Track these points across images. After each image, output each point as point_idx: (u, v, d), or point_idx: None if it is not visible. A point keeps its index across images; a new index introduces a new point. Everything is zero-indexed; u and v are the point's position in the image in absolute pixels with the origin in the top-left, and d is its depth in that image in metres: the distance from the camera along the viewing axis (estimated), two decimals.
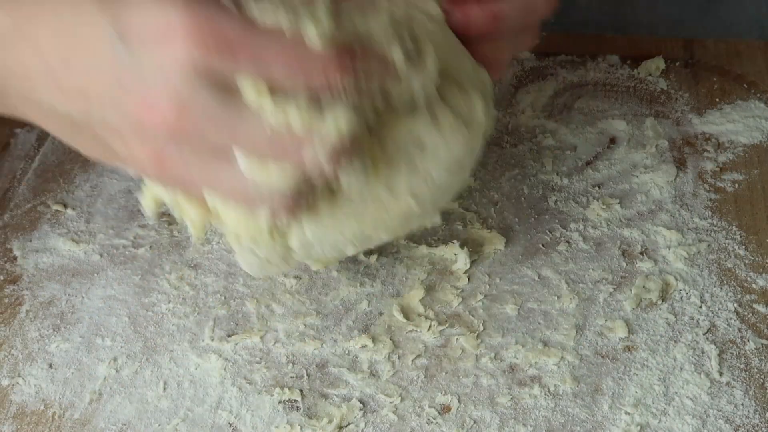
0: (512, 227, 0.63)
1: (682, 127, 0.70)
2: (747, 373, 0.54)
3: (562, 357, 0.55)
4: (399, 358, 0.56)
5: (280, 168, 0.42)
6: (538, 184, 0.66)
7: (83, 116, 0.43)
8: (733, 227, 0.63)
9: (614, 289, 0.59)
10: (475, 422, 0.52)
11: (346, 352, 0.56)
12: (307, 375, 0.55)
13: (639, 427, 0.51)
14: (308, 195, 0.44)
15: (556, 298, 0.59)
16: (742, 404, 0.52)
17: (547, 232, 0.63)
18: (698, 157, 0.68)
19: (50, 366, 0.57)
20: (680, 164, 0.67)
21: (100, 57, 0.41)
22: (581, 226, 0.63)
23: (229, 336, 0.58)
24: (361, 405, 0.53)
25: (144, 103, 0.41)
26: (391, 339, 0.57)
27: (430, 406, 0.53)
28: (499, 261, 0.61)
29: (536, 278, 0.60)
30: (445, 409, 0.53)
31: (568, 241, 0.62)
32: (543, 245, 0.62)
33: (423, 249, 0.62)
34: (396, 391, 0.54)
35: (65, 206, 0.67)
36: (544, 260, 0.61)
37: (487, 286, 0.60)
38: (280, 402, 0.54)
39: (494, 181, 0.67)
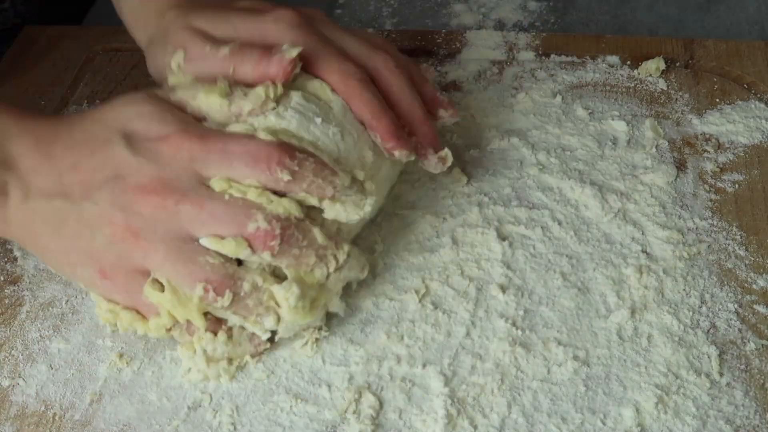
0: (512, 228, 0.63)
1: (682, 127, 0.70)
2: (747, 374, 0.54)
3: (564, 357, 0.55)
4: (397, 362, 0.56)
5: (228, 241, 0.52)
6: (539, 185, 0.66)
7: (77, 209, 0.53)
8: (734, 228, 0.63)
9: (614, 289, 0.59)
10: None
11: (347, 354, 0.56)
12: (309, 377, 0.55)
13: (639, 428, 0.51)
14: (238, 282, 0.53)
15: (555, 298, 0.59)
16: (743, 405, 0.52)
17: (548, 232, 0.63)
18: (698, 157, 0.68)
19: (51, 367, 0.57)
20: (680, 165, 0.67)
21: (106, 159, 0.53)
22: (581, 227, 0.63)
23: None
24: (368, 400, 0.54)
25: (137, 186, 0.52)
26: (391, 338, 0.57)
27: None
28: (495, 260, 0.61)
29: (536, 279, 0.60)
30: None
31: (568, 242, 0.62)
32: (543, 245, 0.62)
33: (420, 258, 0.62)
34: (400, 384, 0.54)
35: None
36: (544, 260, 0.61)
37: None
38: (280, 403, 0.54)
39: (494, 182, 0.67)
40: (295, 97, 0.57)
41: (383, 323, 0.58)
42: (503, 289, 0.59)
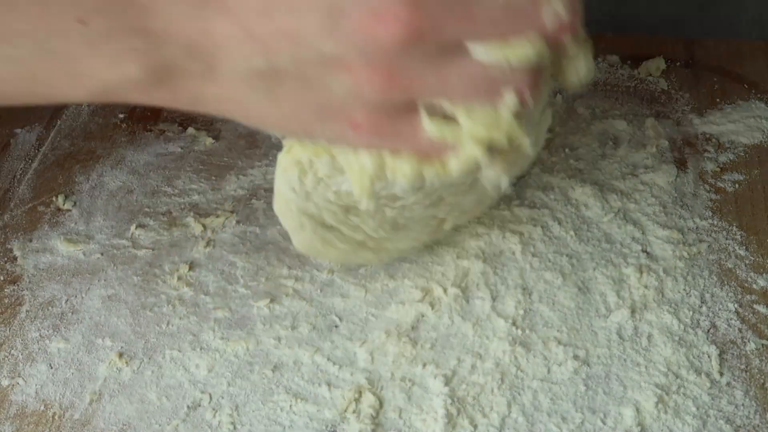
0: (513, 227, 0.63)
1: (682, 127, 0.70)
2: (747, 373, 0.54)
3: (564, 356, 0.55)
4: (400, 354, 0.56)
5: (520, 41, 0.41)
6: (539, 185, 0.66)
7: (291, 62, 0.41)
8: (734, 227, 0.63)
9: (614, 289, 0.59)
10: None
11: (348, 353, 0.56)
12: (308, 377, 0.55)
13: (639, 428, 0.51)
14: (545, 71, 0.43)
15: (556, 297, 0.59)
16: (743, 405, 0.52)
17: (548, 231, 0.63)
18: (699, 157, 0.68)
19: (50, 366, 0.57)
20: (681, 164, 0.67)
21: None
22: (582, 226, 0.63)
23: (230, 337, 0.58)
24: (368, 398, 0.54)
25: (372, 16, 0.39)
26: (392, 337, 0.57)
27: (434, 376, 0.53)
28: (497, 258, 0.61)
29: (536, 278, 0.60)
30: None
31: (568, 242, 0.62)
32: (544, 245, 0.62)
33: (420, 257, 0.62)
34: (399, 383, 0.54)
35: (65, 206, 0.67)
36: (544, 260, 0.61)
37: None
38: (280, 402, 0.54)
39: None
40: None
41: (381, 322, 0.58)
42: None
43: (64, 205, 0.67)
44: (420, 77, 0.41)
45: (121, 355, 0.57)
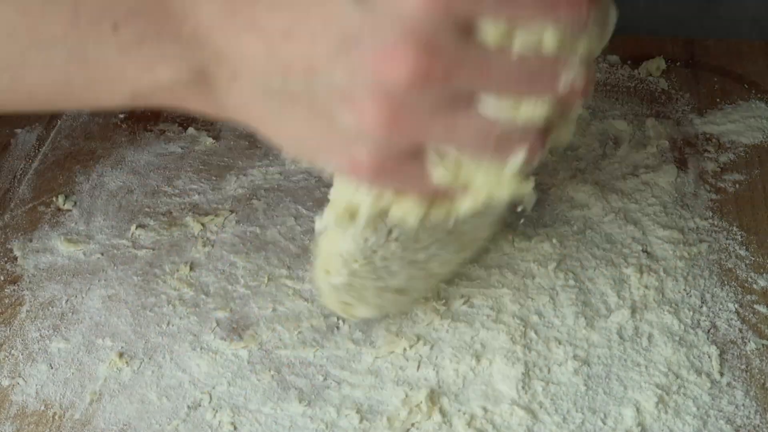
0: (512, 228, 0.63)
1: (682, 127, 0.70)
2: (748, 373, 0.54)
3: (564, 356, 0.55)
4: (402, 355, 0.56)
5: (532, 101, 0.40)
6: (539, 185, 0.66)
7: (304, 87, 0.41)
8: (734, 227, 0.63)
9: (614, 289, 0.59)
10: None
11: (349, 354, 0.56)
12: (309, 377, 0.55)
13: (640, 428, 0.51)
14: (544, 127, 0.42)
15: (555, 297, 0.59)
16: (743, 405, 0.52)
17: (548, 232, 0.63)
18: (699, 157, 0.68)
19: (50, 366, 0.57)
20: (681, 164, 0.67)
21: (327, 20, 0.39)
22: (582, 227, 0.63)
23: (230, 337, 0.58)
24: (365, 406, 0.53)
25: (383, 53, 0.38)
26: (394, 337, 0.57)
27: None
28: (498, 258, 0.61)
29: (535, 277, 0.60)
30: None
31: (568, 242, 0.62)
32: (543, 245, 0.62)
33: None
34: (401, 390, 0.54)
35: (66, 206, 0.67)
36: (544, 260, 0.61)
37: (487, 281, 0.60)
38: (280, 402, 0.54)
39: None
40: None
41: (384, 322, 0.58)
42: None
43: (64, 205, 0.67)
44: (426, 122, 0.40)
45: (121, 355, 0.57)
